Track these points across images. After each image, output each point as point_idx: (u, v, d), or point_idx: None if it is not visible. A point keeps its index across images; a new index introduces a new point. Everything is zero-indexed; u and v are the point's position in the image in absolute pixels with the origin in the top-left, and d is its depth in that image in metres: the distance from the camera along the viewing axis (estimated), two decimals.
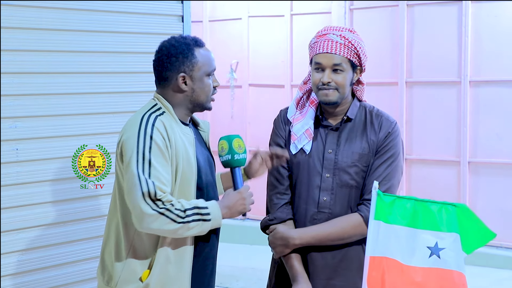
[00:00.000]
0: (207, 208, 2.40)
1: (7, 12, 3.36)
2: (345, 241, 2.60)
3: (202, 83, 2.50)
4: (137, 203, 2.30)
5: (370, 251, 2.33)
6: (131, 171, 2.33)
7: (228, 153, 2.51)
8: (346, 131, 2.64)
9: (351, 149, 2.61)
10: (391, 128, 2.64)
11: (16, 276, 3.48)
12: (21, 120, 3.47)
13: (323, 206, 2.61)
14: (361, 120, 2.65)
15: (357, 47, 2.56)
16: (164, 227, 2.32)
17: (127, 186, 2.35)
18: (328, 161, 2.61)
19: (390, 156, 2.62)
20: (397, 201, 2.37)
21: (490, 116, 6.01)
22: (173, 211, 2.32)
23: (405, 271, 2.33)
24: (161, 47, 2.52)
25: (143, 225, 2.32)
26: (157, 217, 2.30)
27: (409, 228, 2.35)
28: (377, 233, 2.34)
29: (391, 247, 2.34)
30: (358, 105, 2.68)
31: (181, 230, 2.34)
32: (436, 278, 2.31)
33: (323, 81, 2.54)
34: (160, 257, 2.43)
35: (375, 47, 6.33)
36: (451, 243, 2.32)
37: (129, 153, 2.35)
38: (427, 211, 2.35)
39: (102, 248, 2.58)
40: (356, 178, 2.61)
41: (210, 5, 7.32)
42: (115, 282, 2.47)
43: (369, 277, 2.33)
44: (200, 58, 2.49)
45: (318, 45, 2.56)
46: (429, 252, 2.33)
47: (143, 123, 2.39)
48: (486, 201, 6.02)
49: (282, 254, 2.62)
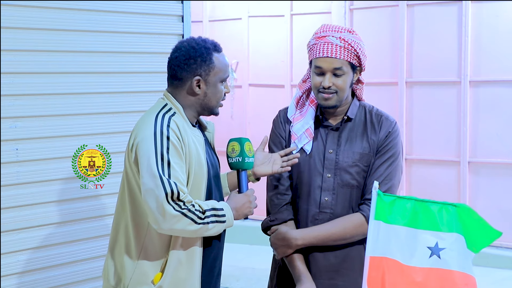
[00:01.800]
0: (223, 209, 2.41)
1: (7, 12, 3.36)
2: (347, 241, 2.60)
3: (215, 89, 2.50)
4: (161, 204, 2.28)
5: (370, 251, 2.33)
6: (151, 172, 2.31)
7: (239, 155, 2.50)
8: (346, 131, 2.64)
9: (352, 149, 2.61)
10: (391, 127, 2.64)
11: (16, 276, 3.48)
12: (21, 120, 3.47)
13: (325, 206, 2.61)
14: (361, 119, 2.66)
15: (357, 49, 2.55)
16: (186, 228, 2.32)
17: (147, 188, 2.31)
18: (329, 161, 2.61)
19: (391, 155, 2.63)
20: (397, 201, 2.37)
21: (490, 116, 6.01)
22: (194, 212, 2.33)
23: (405, 271, 2.32)
24: (180, 47, 2.50)
25: (165, 225, 2.31)
26: (180, 218, 2.30)
27: (409, 228, 2.35)
28: (377, 233, 2.34)
29: (391, 247, 2.34)
30: (358, 105, 2.68)
31: (200, 230, 2.35)
32: (437, 278, 2.31)
33: (324, 86, 2.55)
34: (172, 259, 2.43)
35: (375, 47, 6.33)
36: (451, 243, 2.32)
37: (147, 154, 2.33)
38: (427, 211, 2.35)
39: (110, 249, 2.55)
40: (357, 178, 2.61)
41: (210, 5, 7.32)
42: (125, 284, 2.45)
43: (369, 277, 2.33)
44: (217, 63, 2.49)
45: (318, 48, 2.56)
46: (429, 252, 2.33)
47: (158, 123, 2.37)
48: (486, 201, 6.02)
49: (285, 254, 2.62)
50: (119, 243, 2.51)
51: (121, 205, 2.52)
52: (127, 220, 2.48)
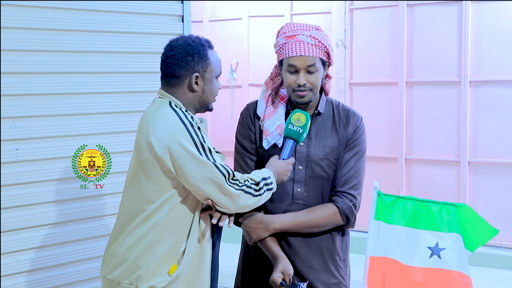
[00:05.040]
0: (270, 177, 2.51)
1: (7, 12, 3.36)
2: (320, 229, 2.66)
3: (212, 85, 2.54)
4: (223, 187, 2.39)
5: (371, 251, 2.33)
6: (201, 162, 2.37)
7: (302, 127, 2.57)
8: (316, 125, 2.70)
9: (322, 143, 2.68)
10: (359, 122, 2.72)
11: (16, 276, 3.48)
12: (21, 120, 3.46)
13: (297, 197, 2.68)
14: (329, 114, 2.73)
15: (326, 45, 2.62)
16: (247, 203, 2.45)
17: (200, 178, 2.38)
18: (301, 153, 2.67)
19: (359, 150, 2.70)
20: (397, 201, 2.37)
21: (490, 116, 6.01)
22: (250, 186, 2.45)
23: (405, 272, 2.33)
24: (175, 45, 2.51)
25: (233, 206, 2.43)
26: (242, 195, 2.42)
27: (410, 228, 2.36)
28: (378, 233, 2.34)
29: (392, 247, 2.34)
30: (325, 100, 2.76)
31: (257, 202, 2.48)
32: (437, 278, 2.31)
33: (299, 83, 2.60)
34: (189, 251, 2.47)
35: (375, 47, 6.33)
36: (451, 243, 2.32)
37: (186, 148, 2.37)
38: (428, 211, 2.35)
39: (118, 244, 2.51)
40: (328, 171, 2.67)
41: (210, 5, 7.32)
42: (139, 276, 2.45)
43: (369, 277, 2.33)
44: (212, 60, 2.53)
45: (290, 47, 2.60)
46: (429, 253, 2.33)
47: (183, 118, 2.41)
48: (486, 201, 6.02)
49: (259, 238, 2.65)
50: (130, 237, 2.48)
51: (135, 200, 2.49)
52: (143, 215, 2.46)
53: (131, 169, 2.55)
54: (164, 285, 2.45)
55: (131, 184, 2.52)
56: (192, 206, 2.48)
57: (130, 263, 2.47)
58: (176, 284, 2.47)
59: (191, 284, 2.51)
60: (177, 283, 2.47)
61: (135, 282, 2.45)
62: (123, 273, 2.48)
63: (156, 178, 2.44)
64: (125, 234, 2.50)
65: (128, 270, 2.47)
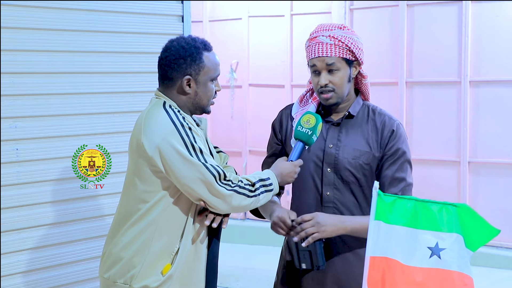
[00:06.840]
0: (269, 178, 2.50)
1: (7, 12, 3.36)
2: None
3: (205, 88, 2.52)
4: (213, 188, 2.37)
5: (371, 251, 2.33)
6: (190, 163, 2.36)
7: (311, 129, 2.55)
8: (347, 127, 2.67)
9: (352, 145, 2.64)
10: (394, 126, 2.66)
11: (16, 276, 3.48)
12: (21, 120, 3.47)
13: (327, 200, 2.64)
14: (364, 117, 2.69)
15: (348, 44, 2.58)
16: (241, 204, 2.42)
17: (191, 179, 2.37)
18: (329, 155, 2.64)
19: (400, 156, 2.64)
20: (397, 201, 2.37)
21: (490, 116, 6.01)
22: (244, 187, 2.43)
23: (405, 272, 2.33)
24: (169, 47, 2.50)
25: (225, 206, 2.41)
26: (234, 195, 2.40)
27: (410, 228, 2.35)
28: (378, 233, 2.34)
29: (392, 247, 2.34)
30: (361, 103, 2.72)
31: (253, 203, 2.45)
32: (437, 278, 2.31)
33: (321, 84, 2.59)
34: (183, 251, 2.46)
35: (375, 47, 6.33)
36: (451, 243, 2.32)
37: (176, 149, 2.36)
38: (428, 211, 2.35)
39: (115, 244, 2.52)
40: (357, 175, 2.63)
41: (210, 5, 7.32)
42: (133, 275, 2.45)
43: (369, 277, 2.33)
44: (207, 62, 2.50)
45: (311, 49, 2.62)
46: (429, 253, 2.33)
47: (174, 118, 2.40)
48: (486, 201, 6.03)
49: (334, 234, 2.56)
50: (125, 236, 2.49)
51: (131, 200, 2.50)
52: (138, 214, 2.47)
53: (127, 169, 2.55)
54: (157, 285, 2.45)
55: (128, 183, 2.53)
56: (185, 206, 2.48)
57: (125, 262, 2.48)
58: (170, 284, 2.46)
59: (184, 284, 2.50)
60: (171, 283, 2.47)
61: (129, 281, 2.46)
62: (118, 272, 2.49)
63: (148, 178, 2.44)
64: (121, 233, 2.51)
65: (123, 269, 2.48)
